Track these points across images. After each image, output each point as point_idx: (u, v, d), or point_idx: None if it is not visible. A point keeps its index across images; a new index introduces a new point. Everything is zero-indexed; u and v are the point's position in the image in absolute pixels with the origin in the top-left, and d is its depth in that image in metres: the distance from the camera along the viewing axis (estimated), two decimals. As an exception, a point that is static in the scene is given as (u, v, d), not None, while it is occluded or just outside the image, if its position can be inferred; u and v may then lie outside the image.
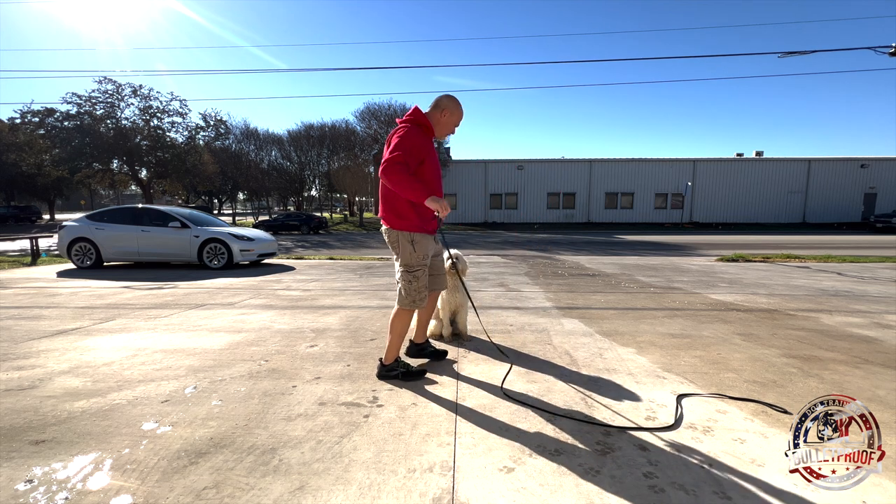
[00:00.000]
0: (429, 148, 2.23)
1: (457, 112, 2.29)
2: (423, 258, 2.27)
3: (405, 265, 2.26)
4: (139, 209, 8.02)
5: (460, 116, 2.32)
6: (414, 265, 2.25)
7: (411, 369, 2.35)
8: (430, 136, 2.27)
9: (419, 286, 2.27)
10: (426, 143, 2.21)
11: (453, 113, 2.28)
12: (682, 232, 22.37)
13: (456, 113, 2.29)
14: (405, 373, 2.33)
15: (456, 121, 2.31)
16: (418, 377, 2.35)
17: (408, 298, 2.27)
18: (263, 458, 1.57)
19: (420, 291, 2.28)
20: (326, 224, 25.94)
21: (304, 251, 13.09)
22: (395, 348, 2.34)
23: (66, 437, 1.72)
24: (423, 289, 2.30)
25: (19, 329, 3.46)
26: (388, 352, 2.34)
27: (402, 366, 2.35)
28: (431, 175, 2.25)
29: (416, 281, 2.26)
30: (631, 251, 12.17)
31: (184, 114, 26.56)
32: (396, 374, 2.33)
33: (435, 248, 2.46)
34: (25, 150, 27.73)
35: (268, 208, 41.89)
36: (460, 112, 2.31)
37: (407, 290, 2.27)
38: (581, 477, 1.47)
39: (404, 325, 2.32)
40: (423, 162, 2.20)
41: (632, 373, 2.45)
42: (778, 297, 4.76)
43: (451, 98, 2.29)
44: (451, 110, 2.27)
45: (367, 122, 29.46)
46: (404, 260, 2.26)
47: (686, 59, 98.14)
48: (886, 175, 28.16)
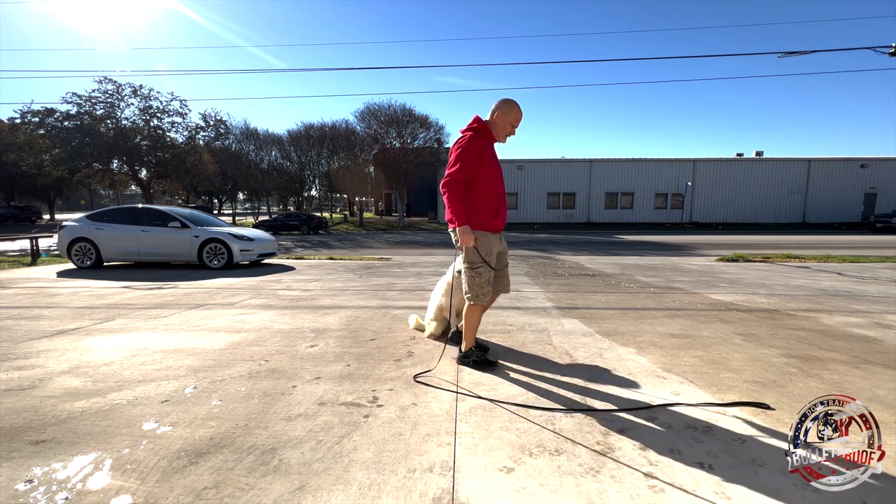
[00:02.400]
0: (489, 153, 2.36)
1: (511, 113, 2.36)
2: (486, 255, 2.38)
3: (467, 262, 2.40)
4: (139, 209, 8.02)
5: (516, 116, 2.38)
6: (475, 262, 2.38)
7: (484, 358, 2.54)
8: (490, 141, 2.40)
9: (482, 282, 2.39)
10: (485, 149, 2.34)
11: (506, 114, 2.36)
12: (682, 232, 22.36)
13: (510, 114, 2.36)
14: (476, 361, 2.53)
15: (511, 121, 2.37)
16: (489, 367, 2.50)
17: (471, 293, 2.42)
18: (263, 458, 1.57)
19: (482, 287, 2.40)
20: (326, 224, 25.94)
21: (304, 251, 13.09)
22: (470, 338, 2.55)
23: (66, 437, 1.72)
24: (486, 284, 2.41)
25: (19, 329, 3.46)
26: (464, 341, 2.57)
27: (475, 354, 2.54)
28: (490, 177, 2.37)
29: (478, 277, 2.39)
30: (631, 251, 12.16)
31: (184, 114, 26.56)
32: (469, 361, 2.55)
33: (500, 246, 2.53)
34: (25, 150, 27.70)
35: (267, 208, 41.87)
36: (515, 112, 2.37)
37: (470, 285, 2.41)
38: (581, 477, 1.47)
39: (475, 317, 2.50)
40: (482, 166, 2.33)
41: (632, 373, 2.45)
42: (778, 297, 4.76)
43: (506, 100, 2.37)
44: (505, 112, 2.35)
45: (367, 122, 29.39)
46: (466, 257, 2.40)
47: (686, 59, 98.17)
48: (886, 175, 28.15)
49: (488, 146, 2.38)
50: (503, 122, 2.37)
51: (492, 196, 2.39)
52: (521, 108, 2.38)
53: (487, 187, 2.37)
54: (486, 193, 2.38)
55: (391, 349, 2.90)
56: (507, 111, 2.36)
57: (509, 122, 2.38)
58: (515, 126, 2.40)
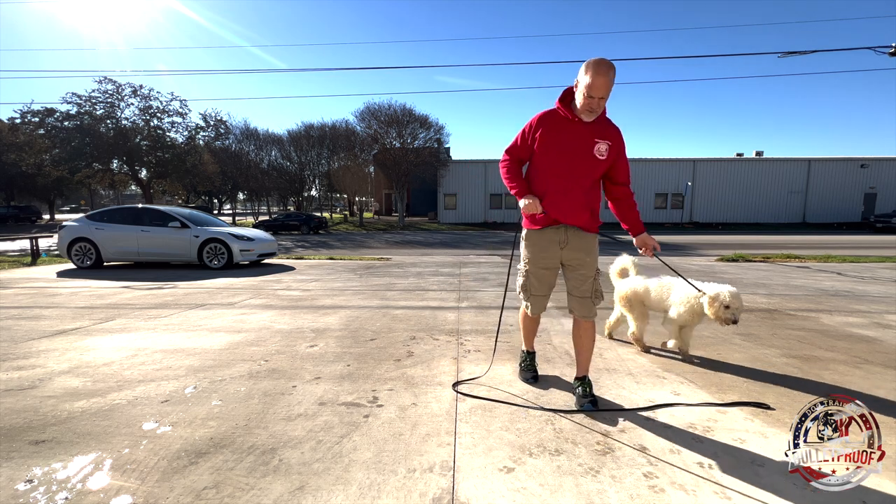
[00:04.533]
0: (551, 130, 1.96)
1: (585, 77, 1.80)
2: (532, 257, 2.10)
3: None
4: (139, 209, 8.02)
5: (590, 82, 1.79)
6: (522, 261, 2.18)
7: (525, 365, 2.39)
8: (559, 119, 1.96)
9: (525, 284, 2.17)
10: (548, 129, 1.96)
11: (581, 80, 1.84)
12: (683, 232, 22.36)
13: (584, 80, 1.81)
14: (521, 364, 2.41)
15: (587, 89, 1.81)
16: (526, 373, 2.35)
17: (518, 291, 2.22)
18: (263, 458, 1.57)
19: (525, 290, 2.17)
20: (326, 224, 25.93)
21: (304, 251, 13.09)
22: (523, 340, 2.41)
23: (66, 437, 1.72)
24: (529, 288, 2.15)
25: (19, 329, 3.46)
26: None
27: (523, 359, 2.41)
28: (548, 163, 1.99)
29: (522, 278, 2.18)
30: (631, 251, 12.15)
31: (184, 114, 26.54)
32: (519, 363, 2.44)
33: (560, 254, 2.06)
34: (25, 150, 27.68)
35: (267, 208, 41.86)
36: (590, 75, 1.78)
37: (518, 284, 2.22)
38: (581, 477, 1.47)
39: (521, 318, 2.35)
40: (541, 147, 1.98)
41: (631, 373, 2.45)
42: (778, 296, 4.76)
43: (586, 63, 1.81)
44: (580, 77, 1.85)
45: (367, 122, 29.35)
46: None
47: (686, 58, 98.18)
48: (886, 175, 28.13)
49: (552, 126, 1.96)
50: (580, 91, 1.86)
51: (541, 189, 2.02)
52: (602, 69, 1.76)
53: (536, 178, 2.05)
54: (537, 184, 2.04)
55: (391, 349, 2.90)
56: (581, 75, 1.83)
57: (583, 91, 1.83)
58: (593, 95, 1.80)
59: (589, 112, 1.89)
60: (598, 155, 1.94)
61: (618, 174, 2.07)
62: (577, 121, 1.93)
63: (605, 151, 1.95)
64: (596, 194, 2.06)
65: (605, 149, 1.94)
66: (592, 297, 2.04)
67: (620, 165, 2.04)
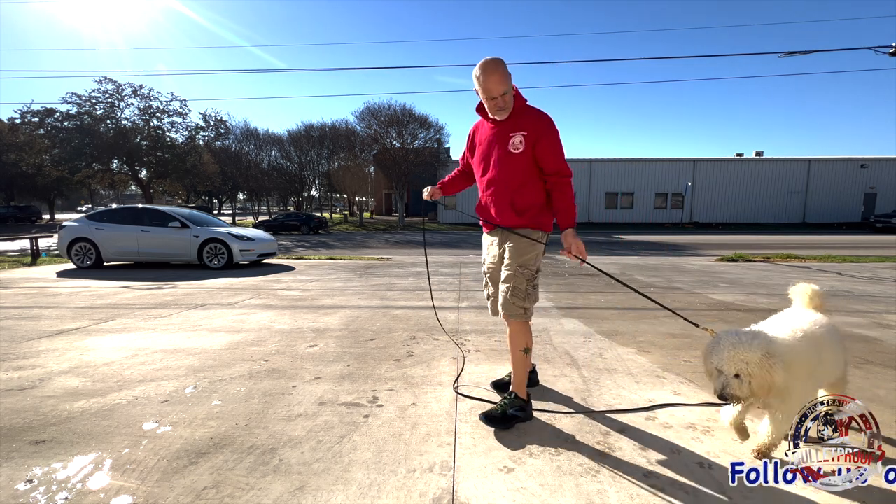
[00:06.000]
0: (478, 135, 2.05)
1: (478, 84, 1.84)
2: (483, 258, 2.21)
3: None
4: (139, 209, 8.03)
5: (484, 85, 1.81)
6: None
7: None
8: (481, 124, 2.04)
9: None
10: (474, 135, 2.07)
11: (477, 88, 1.87)
12: (682, 232, 22.36)
13: (478, 86, 1.85)
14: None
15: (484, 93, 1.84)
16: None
17: None
18: (263, 458, 1.57)
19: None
20: (326, 224, 25.93)
21: (304, 251, 13.09)
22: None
23: (66, 437, 1.72)
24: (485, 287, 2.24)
25: (19, 329, 3.46)
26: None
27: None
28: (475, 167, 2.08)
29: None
30: (631, 251, 12.16)
31: (184, 114, 26.57)
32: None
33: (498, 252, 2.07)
34: (25, 150, 27.69)
35: (267, 208, 41.86)
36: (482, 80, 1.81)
37: None
38: (581, 477, 1.47)
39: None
40: (471, 154, 2.11)
41: (631, 373, 2.45)
42: (778, 297, 4.76)
43: (474, 70, 1.83)
44: (475, 85, 1.87)
45: (367, 122, 29.36)
46: None
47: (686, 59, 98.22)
48: (886, 175, 28.13)
49: (480, 127, 2.04)
50: (480, 97, 1.91)
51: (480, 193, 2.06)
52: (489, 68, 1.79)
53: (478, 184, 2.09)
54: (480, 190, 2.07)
55: (391, 349, 2.90)
56: (475, 84, 1.85)
57: (483, 97, 1.87)
58: (492, 95, 1.82)
59: (499, 111, 1.89)
60: (512, 149, 1.90)
61: (543, 164, 1.93)
62: (494, 121, 1.95)
63: (520, 143, 1.89)
64: (527, 192, 1.95)
65: (520, 140, 1.89)
66: (509, 293, 2.01)
67: (542, 154, 1.90)
